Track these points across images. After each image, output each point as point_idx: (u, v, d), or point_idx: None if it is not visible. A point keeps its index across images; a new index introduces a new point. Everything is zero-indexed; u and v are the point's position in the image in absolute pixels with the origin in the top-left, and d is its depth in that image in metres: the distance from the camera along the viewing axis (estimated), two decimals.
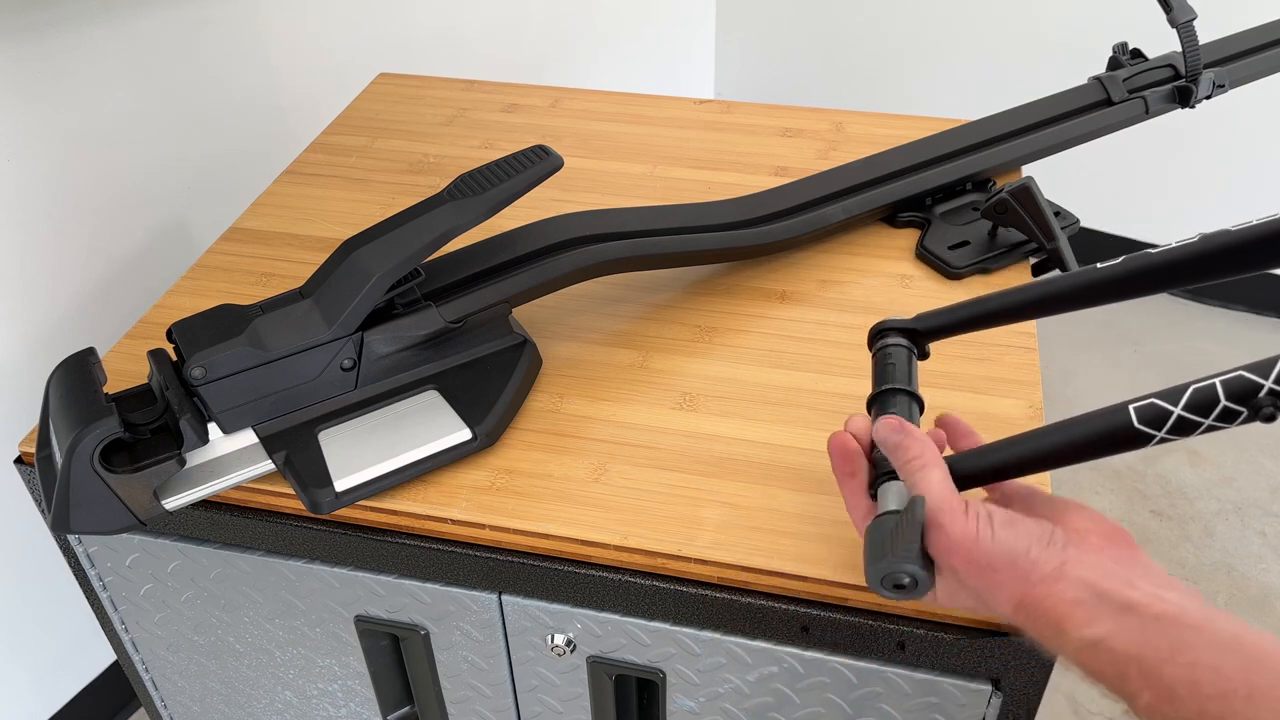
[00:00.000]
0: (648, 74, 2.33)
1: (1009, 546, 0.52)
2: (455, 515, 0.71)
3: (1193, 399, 0.51)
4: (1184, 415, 0.51)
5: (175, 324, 0.72)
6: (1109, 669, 0.47)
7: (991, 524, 0.53)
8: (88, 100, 1.18)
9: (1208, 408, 0.51)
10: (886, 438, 0.59)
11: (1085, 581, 0.49)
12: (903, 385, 0.63)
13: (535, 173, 0.75)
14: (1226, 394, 0.50)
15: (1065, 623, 0.48)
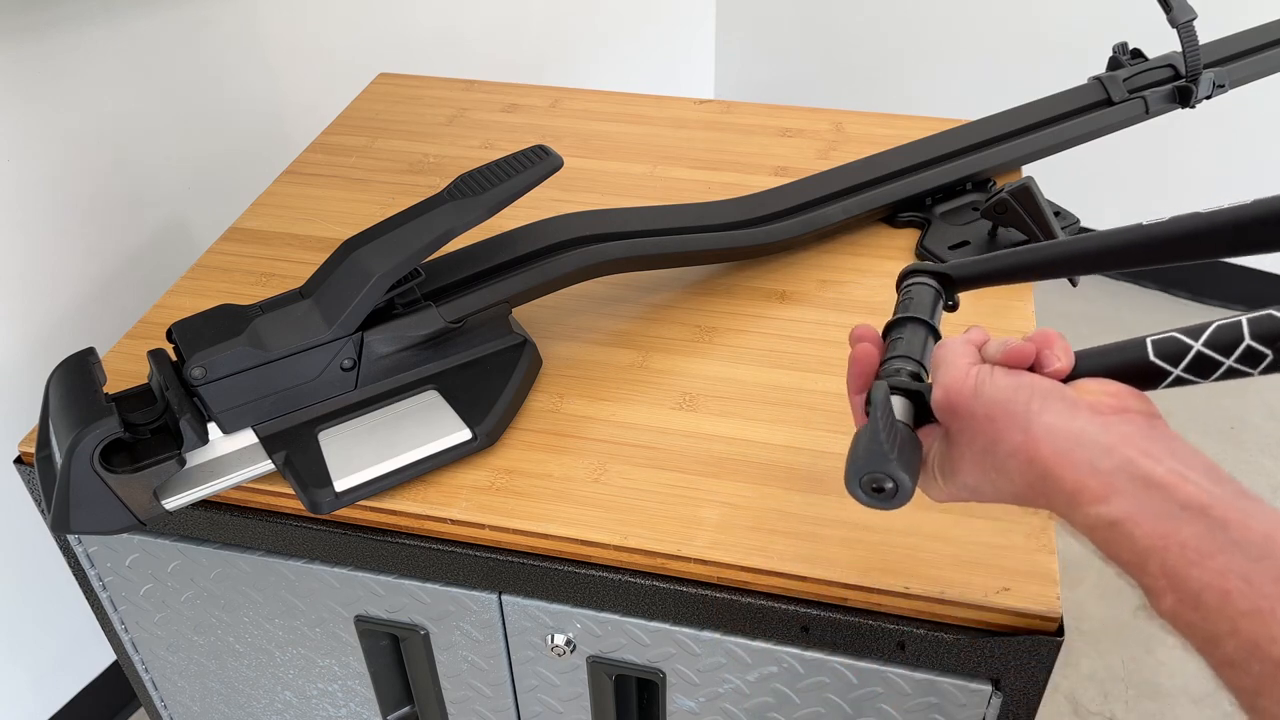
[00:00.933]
0: (648, 74, 2.33)
1: (1008, 395, 0.47)
2: (455, 515, 0.71)
3: (1214, 336, 0.47)
4: (1204, 351, 0.47)
5: (175, 324, 0.72)
6: (1127, 555, 0.42)
7: (993, 374, 0.49)
8: (88, 100, 1.18)
9: (1230, 346, 0.47)
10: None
11: (1099, 443, 0.44)
12: (922, 316, 0.58)
13: (535, 173, 0.75)
14: (1252, 333, 0.46)
15: (1079, 494, 0.44)
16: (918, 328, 0.58)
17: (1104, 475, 0.43)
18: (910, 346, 0.57)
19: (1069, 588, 1.67)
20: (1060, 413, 0.46)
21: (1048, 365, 0.50)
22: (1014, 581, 0.64)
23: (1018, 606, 0.63)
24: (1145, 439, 0.44)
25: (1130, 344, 0.50)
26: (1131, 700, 1.52)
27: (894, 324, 0.59)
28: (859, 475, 0.50)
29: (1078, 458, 0.44)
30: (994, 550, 0.66)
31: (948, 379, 0.50)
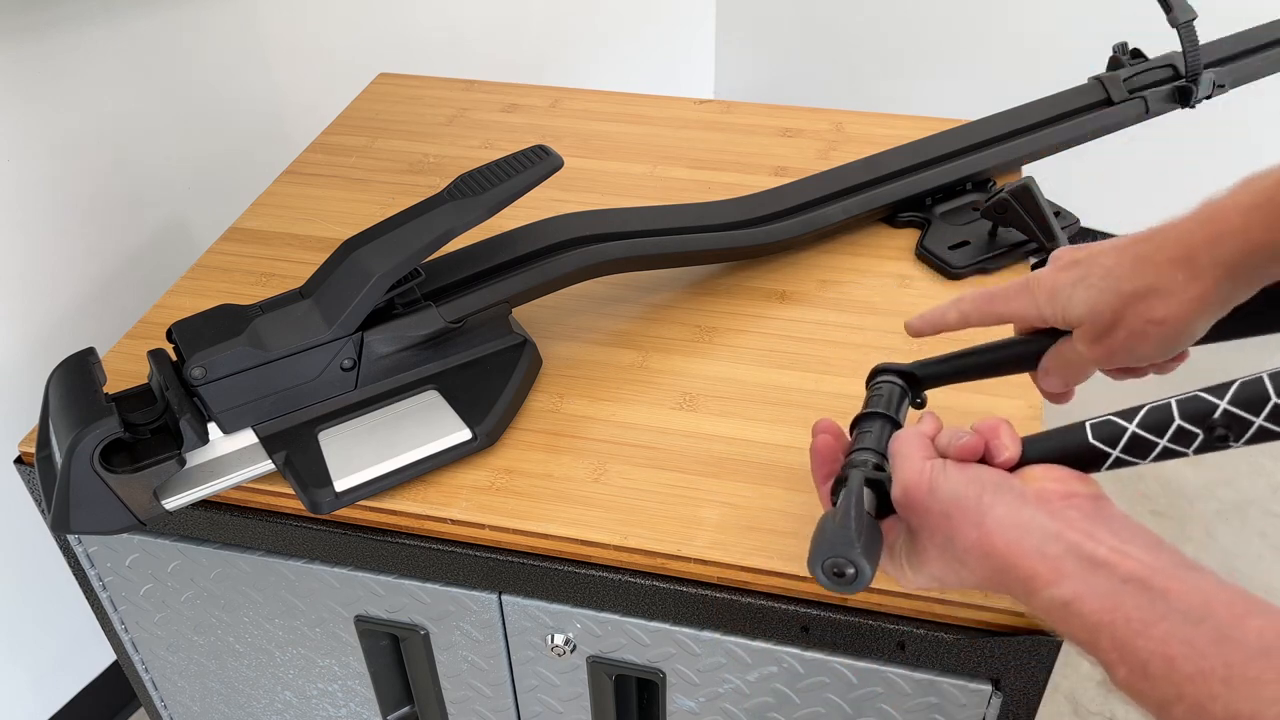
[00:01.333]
0: (648, 74, 2.33)
1: (961, 490, 0.50)
2: (455, 515, 0.71)
3: (1147, 418, 0.50)
4: (1138, 433, 0.51)
5: (175, 324, 0.72)
6: (1080, 633, 0.45)
7: (945, 470, 0.51)
8: (88, 100, 1.18)
9: (1162, 427, 0.50)
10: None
11: (1046, 530, 0.47)
12: (888, 412, 0.62)
13: (535, 173, 0.75)
14: (1181, 414, 0.50)
15: (1033, 580, 0.46)
16: (884, 423, 0.61)
17: (1052, 560, 0.46)
18: (875, 440, 0.59)
19: None
20: (1010, 504, 0.48)
21: (997, 456, 0.52)
22: None
23: (1018, 606, 0.63)
24: (1088, 521, 0.47)
25: (1071, 429, 0.53)
26: None
27: (861, 418, 0.62)
28: (822, 558, 0.51)
29: (1028, 546, 0.47)
30: None
31: (905, 475, 0.52)
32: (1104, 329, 0.56)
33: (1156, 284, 0.53)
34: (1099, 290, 0.55)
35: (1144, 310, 0.54)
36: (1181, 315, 0.53)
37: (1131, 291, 0.54)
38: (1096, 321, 0.56)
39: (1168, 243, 0.53)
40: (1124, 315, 0.55)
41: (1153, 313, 0.54)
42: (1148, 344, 0.55)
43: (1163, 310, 0.54)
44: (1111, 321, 0.55)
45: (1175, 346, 0.56)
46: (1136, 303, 0.54)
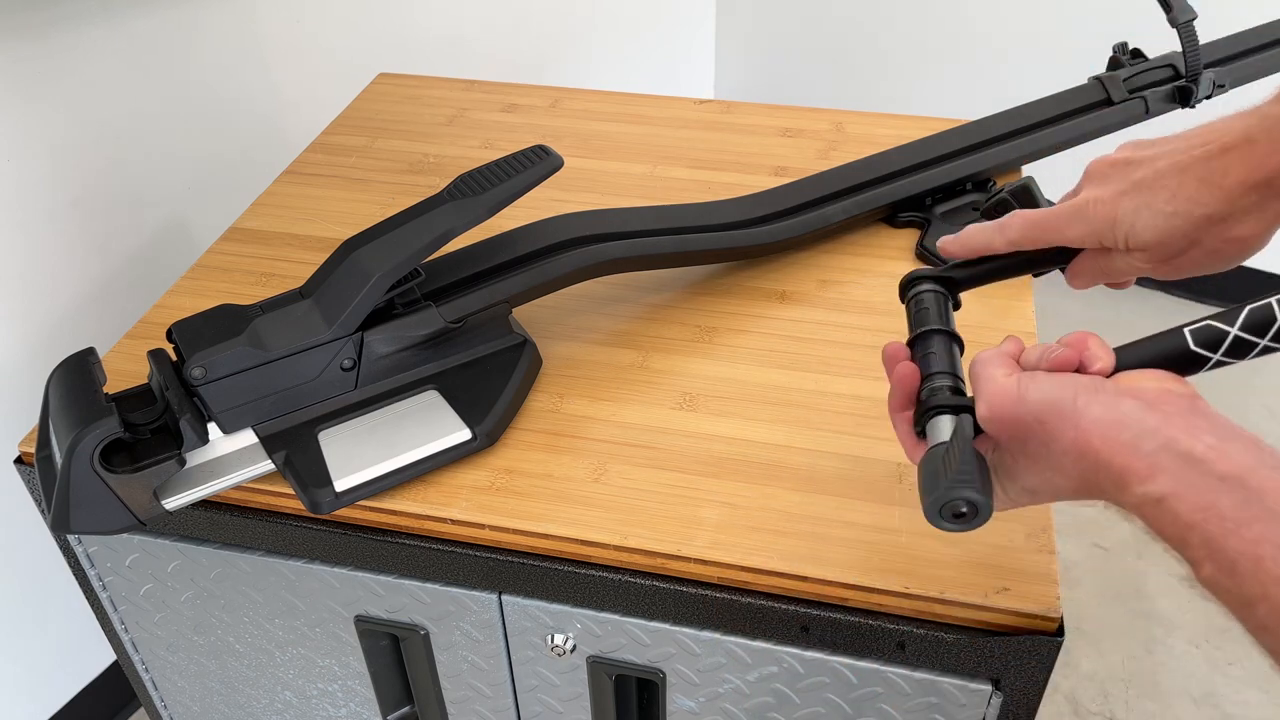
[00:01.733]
0: (648, 74, 2.33)
1: (1054, 395, 0.48)
2: (455, 515, 0.71)
3: (1249, 319, 0.49)
4: (1241, 335, 0.50)
5: (175, 324, 0.72)
6: (1171, 530, 0.44)
7: (1034, 378, 0.50)
8: (87, 100, 1.18)
9: (1265, 327, 0.49)
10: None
11: (1143, 426, 0.45)
12: (940, 325, 0.60)
13: (535, 173, 0.75)
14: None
15: (1126, 476, 0.45)
16: (943, 340, 0.60)
17: (1148, 455, 0.44)
18: (941, 360, 0.58)
19: (1069, 588, 1.67)
20: (1106, 403, 0.47)
21: (1090, 366, 0.51)
22: (1014, 581, 0.64)
23: (1018, 607, 0.63)
24: (1186, 418, 0.45)
25: (1168, 336, 0.51)
26: (1131, 700, 1.52)
27: (918, 339, 0.60)
28: (940, 503, 0.51)
29: (1124, 441, 0.45)
30: (994, 550, 0.66)
31: (990, 392, 0.51)
32: (1176, 252, 0.55)
33: (1231, 208, 0.52)
34: (1167, 216, 0.54)
35: (1221, 231, 0.53)
36: (1261, 234, 0.53)
37: (1204, 216, 0.53)
38: (1168, 247, 0.55)
39: (1235, 165, 0.52)
40: (1199, 239, 0.54)
41: (1231, 233, 0.53)
42: (1221, 260, 0.55)
43: (1241, 230, 0.53)
44: (1185, 246, 0.54)
45: (1244, 258, 0.55)
46: (1212, 226, 0.53)
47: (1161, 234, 0.54)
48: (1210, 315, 0.51)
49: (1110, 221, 0.56)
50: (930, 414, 0.56)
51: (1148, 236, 0.55)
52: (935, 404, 0.56)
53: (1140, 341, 0.52)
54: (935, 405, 0.56)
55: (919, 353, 0.60)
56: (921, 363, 0.59)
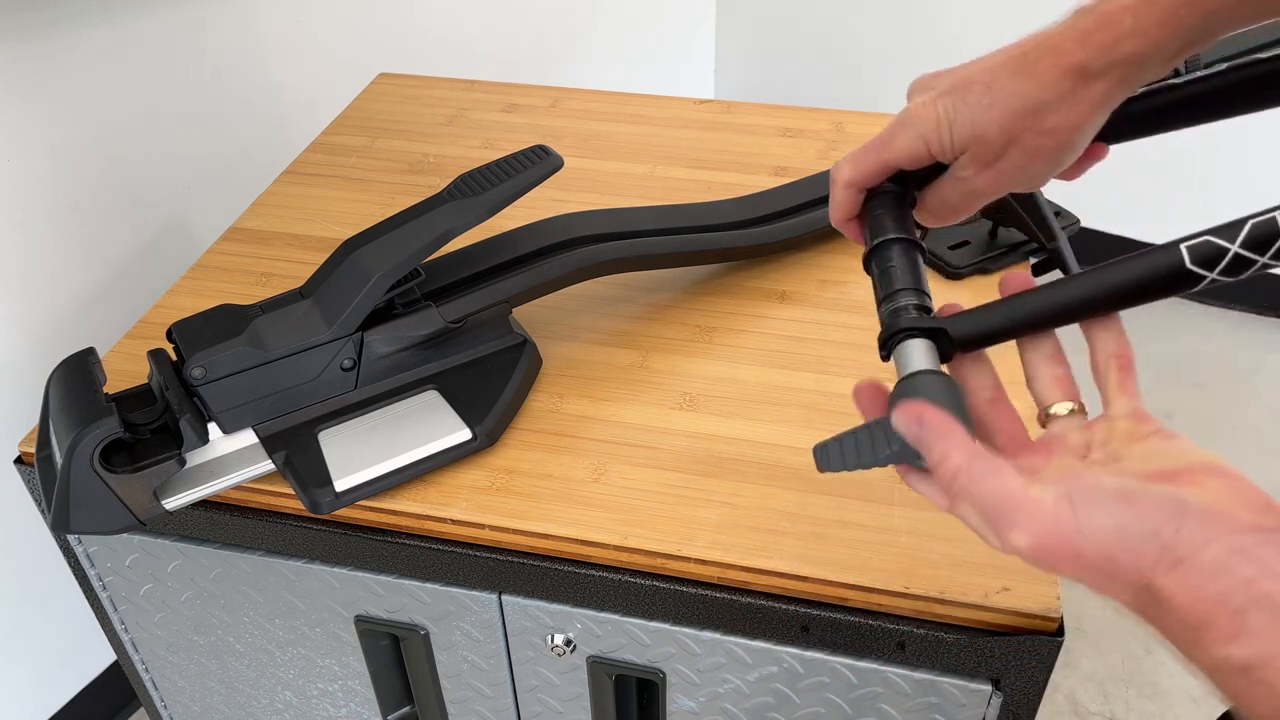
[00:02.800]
0: (648, 74, 2.33)
1: (1127, 526, 0.40)
2: (455, 515, 0.71)
3: (1251, 235, 0.46)
4: (1241, 253, 0.46)
5: (175, 324, 0.72)
6: (1264, 707, 0.36)
7: (1094, 501, 0.41)
8: (87, 100, 1.18)
9: (1266, 244, 0.46)
10: (907, 435, 0.47)
11: (1235, 574, 0.37)
12: (901, 233, 0.53)
13: (535, 173, 0.75)
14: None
15: (1205, 630, 0.37)
16: (904, 249, 0.54)
17: (1237, 611, 0.37)
18: (907, 275, 0.53)
19: (1069, 588, 1.67)
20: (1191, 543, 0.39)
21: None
22: (1014, 581, 0.64)
23: (1018, 606, 0.63)
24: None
25: (1163, 252, 0.48)
26: (1131, 700, 1.52)
27: (872, 254, 0.54)
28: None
29: (1208, 591, 0.38)
30: (994, 550, 0.66)
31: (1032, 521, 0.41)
32: (995, 152, 0.51)
33: (1045, 96, 0.50)
34: (984, 109, 0.51)
35: (1037, 122, 0.50)
36: (1076, 123, 0.50)
37: (1021, 106, 0.50)
38: (986, 145, 0.51)
39: (1050, 52, 0.50)
40: (1017, 133, 0.51)
41: (1046, 123, 0.50)
42: (1041, 160, 0.51)
43: (1056, 119, 0.50)
44: (1003, 143, 0.51)
45: (1065, 158, 0.52)
46: (1027, 117, 0.50)
47: (980, 128, 0.51)
48: (1208, 230, 0.47)
49: (932, 122, 0.52)
50: (899, 338, 0.50)
51: (966, 133, 0.52)
52: (903, 326, 0.50)
53: (1133, 258, 0.49)
54: (903, 328, 0.50)
55: (879, 267, 0.54)
56: (881, 278, 0.53)
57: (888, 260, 0.53)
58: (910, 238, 0.54)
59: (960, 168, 0.53)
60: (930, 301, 0.52)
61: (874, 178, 0.56)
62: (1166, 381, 2.03)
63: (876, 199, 0.56)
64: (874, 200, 0.56)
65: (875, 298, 0.54)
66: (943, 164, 0.54)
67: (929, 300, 0.52)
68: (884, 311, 0.52)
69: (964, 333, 0.51)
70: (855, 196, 0.56)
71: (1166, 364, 2.06)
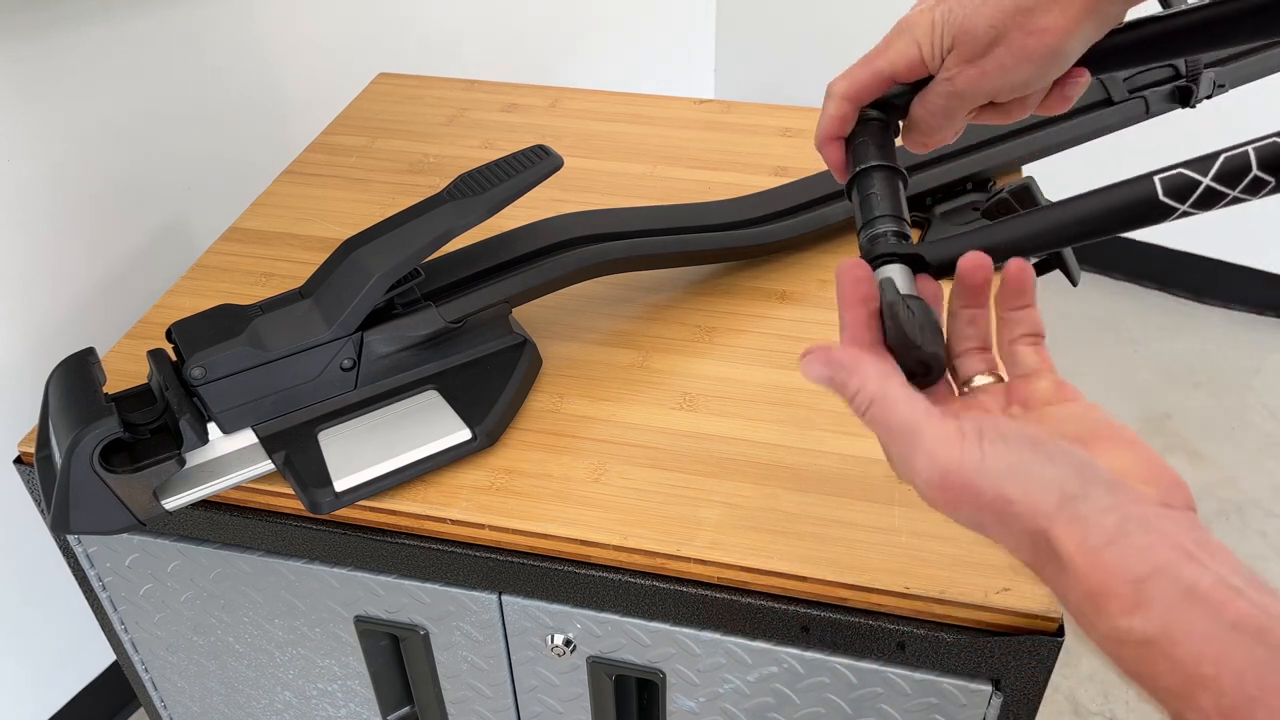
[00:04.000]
0: (648, 74, 2.33)
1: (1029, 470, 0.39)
2: (455, 515, 0.71)
3: (1223, 168, 0.46)
4: (1212, 185, 0.46)
5: (175, 324, 0.72)
6: (1167, 681, 0.35)
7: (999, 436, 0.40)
8: (88, 100, 1.18)
9: (1238, 177, 0.46)
10: (819, 380, 0.48)
11: (1135, 542, 0.36)
12: (883, 160, 0.53)
13: (535, 173, 0.75)
14: (1260, 161, 0.46)
15: (1106, 600, 0.36)
16: (886, 176, 0.54)
17: (1138, 582, 0.36)
18: (886, 201, 0.53)
19: None
20: (1095, 501, 0.38)
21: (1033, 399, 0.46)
22: (1014, 581, 0.64)
23: (1018, 606, 0.63)
24: (1188, 536, 0.37)
25: (1136, 183, 0.48)
26: (1131, 700, 1.52)
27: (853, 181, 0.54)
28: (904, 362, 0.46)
29: (1108, 558, 0.37)
30: (994, 550, 0.66)
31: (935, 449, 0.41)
32: (982, 47, 0.51)
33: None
34: (975, 6, 0.51)
35: (1026, 22, 0.50)
36: (1065, 26, 0.50)
37: (1012, 5, 0.50)
38: (973, 39, 0.51)
39: None
40: (1005, 30, 0.51)
41: (1037, 23, 0.50)
42: (1028, 62, 0.51)
43: (1046, 20, 0.50)
44: (990, 39, 0.51)
45: (1050, 68, 0.52)
46: (1017, 15, 0.50)
47: (969, 23, 0.51)
48: (1181, 163, 0.48)
49: (926, 26, 0.53)
50: (875, 263, 0.51)
51: (954, 31, 0.52)
52: (879, 252, 0.51)
53: (1107, 188, 0.49)
54: (880, 254, 0.51)
55: (858, 194, 0.54)
56: (861, 204, 0.53)
57: (868, 187, 0.54)
58: (892, 165, 0.54)
59: (945, 68, 0.53)
60: (908, 229, 0.53)
61: (868, 89, 0.55)
62: (1166, 381, 2.03)
63: (860, 127, 0.56)
64: (857, 129, 0.56)
65: (855, 225, 0.54)
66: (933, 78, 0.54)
67: (907, 227, 0.53)
68: (863, 238, 0.52)
69: (940, 257, 0.51)
70: (848, 111, 0.56)
71: (1166, 364, 2.06)
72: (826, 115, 0.56)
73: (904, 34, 0.54)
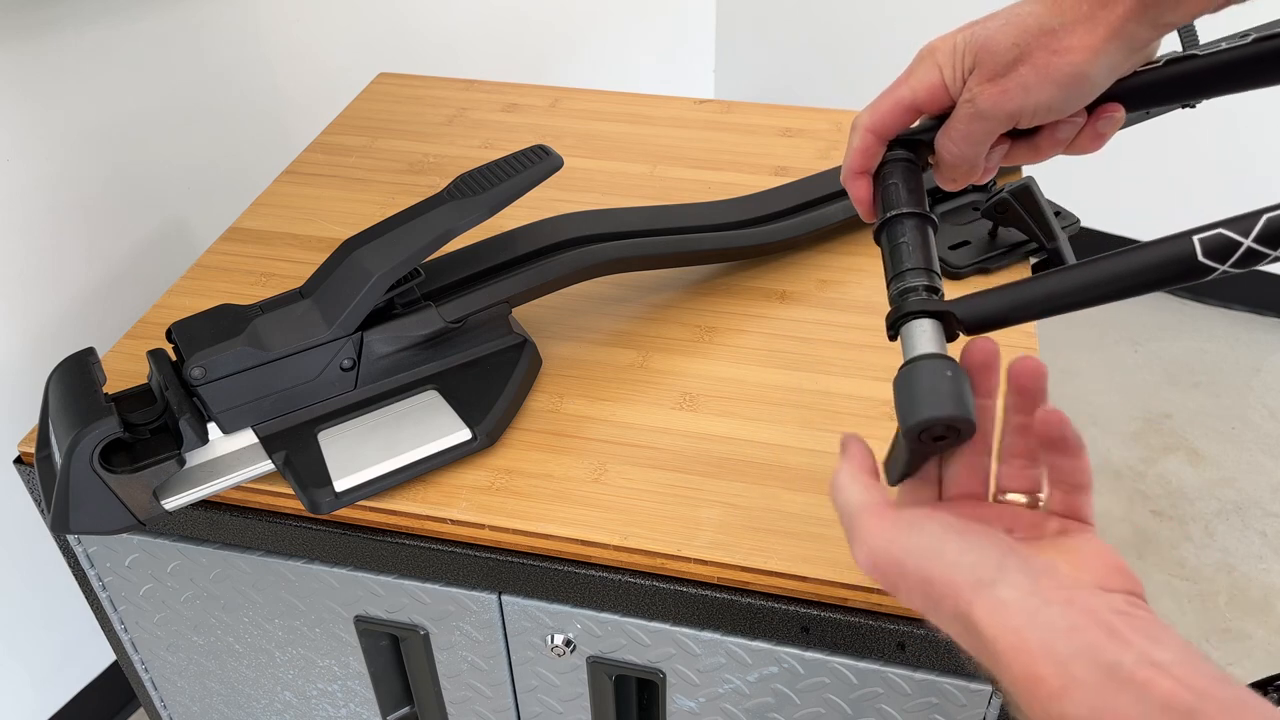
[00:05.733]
0: (648, 74, 2.33)
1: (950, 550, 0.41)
2: (455, 515, 0.71)
3: (1265, 229, 0.45)
4: (1254, 247, 0.45)
5: (175, 324, 0.72)
6: None
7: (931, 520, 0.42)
8: (87, 100, 1.18)
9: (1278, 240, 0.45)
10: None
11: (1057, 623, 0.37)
12: (913, 208, 0.53)
13: (535, 173, 0.75)
14: None
15: (1035, 686, 0.37)
16: (916, 225, 0.53)
17: (1061, 662, 0.36)
18: (916, 254, 0.52)
19: None
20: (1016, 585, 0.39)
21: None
22: None
23: None
24: (1112, 612, 0.37)
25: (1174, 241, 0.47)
26: None
27: (886, 225, 0.53)
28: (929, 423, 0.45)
29: (1030, 640, 0.37)
30: None
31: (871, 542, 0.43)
32: (1004, 66, 0.51)
33: (1062, 18, 0.49)
34: (997, 28, 0.51)
35: (1051, 42, 0.50)
36: (1091, 46, 0.49)
37: (1036, 26, 0.50)
38: (995, 57, 0.51)
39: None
40: (1029, 49, 0.50)
41: (1060, 43, 0.49)
42: (1051, 83, 0.50)
43: (1071, 40, 0.49)
44: (1012, 57, 0.50)
45: (1075, 92, 0.51)
46: (1041, 35, 0.50)
47: (992, 43, 0.51)
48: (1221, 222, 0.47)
49: (948, 50, 0.53)
50: (906, 319, 0.50)
51: (976, 50, 0.51)
52: (911, 309, 0.50)
53: (1144, 246, 0.48)
54: (911, 310, 0.50)
55: (888, 242, 0.53)
56: (891, 254, 0.52)
57: (899, 236, 0.52)
58: (924, 212, 0.53)
59: (967, 89, 0.52)
60: (939, 281, 0.52)
61: (892, 119, 0.54)
62: (1166, 381, 2.03)
63: (889, 167, 0.55)
64: (886, 169, 0.56)
65: (885, 274, 0.53)
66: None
67: (938, 280, 0.51)
68: (893, 290, 0.51)
69: (971, 315, 0.50)
70: (872, 143, 0.55)
71: (1167, 364, 2.06)
72: (851, 149, 0.55)
73: (925, 60, 0.54)
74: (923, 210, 0.53)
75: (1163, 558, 1.71)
